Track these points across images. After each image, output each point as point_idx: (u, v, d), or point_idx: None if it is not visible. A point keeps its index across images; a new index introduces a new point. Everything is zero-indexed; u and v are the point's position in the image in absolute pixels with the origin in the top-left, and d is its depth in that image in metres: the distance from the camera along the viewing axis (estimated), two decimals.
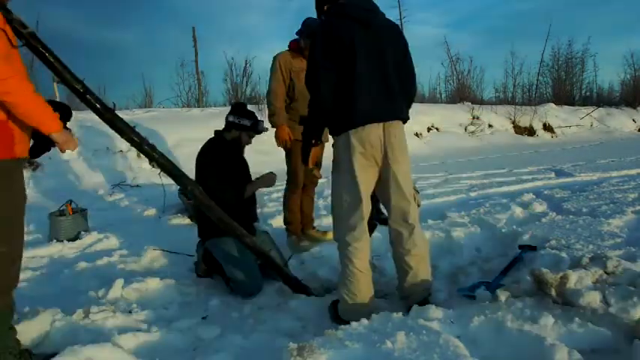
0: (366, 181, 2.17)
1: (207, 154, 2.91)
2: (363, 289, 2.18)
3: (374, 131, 2.12)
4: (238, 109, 3.02)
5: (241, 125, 2.94)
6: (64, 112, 1.99)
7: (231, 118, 2.96)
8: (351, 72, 2.10)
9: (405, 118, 2.28)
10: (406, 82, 2.30)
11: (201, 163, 2.89)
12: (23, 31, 1.80)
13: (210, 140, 3.02)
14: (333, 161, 2.26)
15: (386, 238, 2.49)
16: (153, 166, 2.20)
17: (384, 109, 2.16)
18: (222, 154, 2.92)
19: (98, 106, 2.03)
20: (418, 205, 2.34)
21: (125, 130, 2.10)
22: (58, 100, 11.07)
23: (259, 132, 3.03)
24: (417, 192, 2.38)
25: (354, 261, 2.15)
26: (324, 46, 2.11)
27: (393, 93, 2.20)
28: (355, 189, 2.14)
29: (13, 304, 1.83)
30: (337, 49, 2.09)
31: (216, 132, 3.04)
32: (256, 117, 3.02)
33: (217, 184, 2.77)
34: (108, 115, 2.06)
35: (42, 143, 1.92)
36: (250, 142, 3.08)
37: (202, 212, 2.95)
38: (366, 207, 2.19)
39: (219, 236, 2.80)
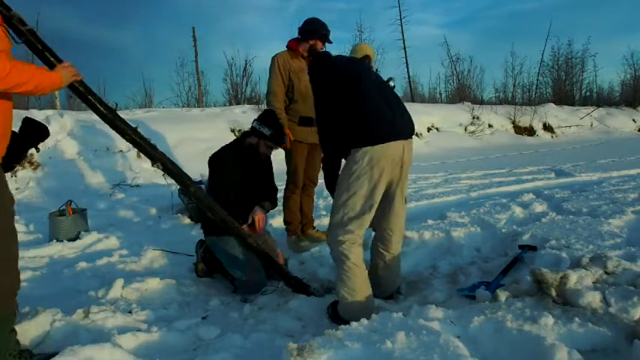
0: (380, 193, 2.20)
1: (223, 160, 2.83)
2: (361, 284, 2.20)
3: (397, 148, 2.17)
4: (264, 116, 2.89)
5: (260, 133, 2.82)
6: (38, 132, 1.97)
7: (254, 123, 2.86)
8: (364, 96, 2.17)
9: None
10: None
11: (215, 171, 2.83)
12: (23, 28, 1.79)
13: (227, 146, 2.93)
14: (347, 168, 2.21)
15: None
16: (157, 167, 2.17)
17: (403, 126, 2.24)
18: (237, 162, 2.84)
19: (99, 106, 2.01)
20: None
21: (127, 131, 2.09)
22: (58, 102, 10.93)
23: (278, 144, 2.93)
24: (406, 202, 2.50)
25: (350, 256, 2.18)
26: (329, 88, 2.21)
27: (404, 110, 2.30)
28: (369, 200, 2.17)
29: (16, 306, 1.82)
30: (343, 81, 2.21)
31: (242, 134, 2.97)
32: (280, 128, 2.88)
33: (226, 195, 2.74)
34: (109, 116, 2.05)
35: (14, 154, 1.87)
36: (269, 153, 2.94)
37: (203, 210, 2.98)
38: (370, 217, 2.24)
39: (219, 235, 2.80)
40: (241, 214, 2.73)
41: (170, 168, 2.23)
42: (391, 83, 3.73)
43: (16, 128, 1.88)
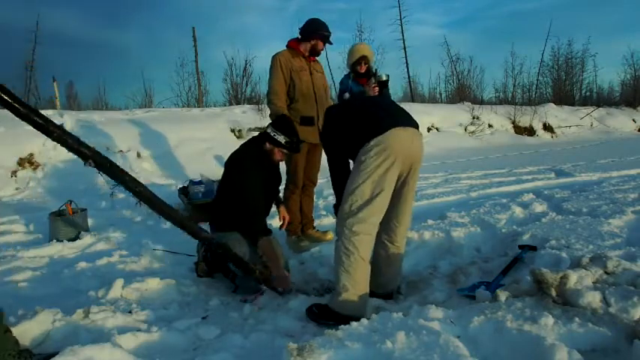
0: (390, 182, 2.20)
1: (247, 160, 2.83)
2: (364, 278, 2.20)
3: (405, 137, 2.20)
4: (278, 122, 2.87)
5: (276, 141, 2.79)
6: None
7: (269, 130, 2.82)
8: (362, 107, 2.37)
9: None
10: None
11: (240, 168, 2.81)
12: None
13: (247, 146, 2.92)
14: (357, 162, 2.22)
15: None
16: (89, 166, 2.01)
17: (405, 119, 2.30)
18: (261, 163, 2.85)
19: (11, 100, 1.72)
20: None
21: (50, 128, 1.82)
22: (58, 102, 10.92)
23: (295, 152, 2.93)
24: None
25: (360, 249, 2.17)
26: (336, 123, 2.41)
27: (404, 110, 2.40)
28: (378, 187, 2.16)
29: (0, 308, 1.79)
30: (345, 108, 2.46)
31: (254, 139, 2.95)
32: (296, 135, 2.85)
33: (254, 192, 2.76)
34: (24, 112, 1.80)
35: None
36: (284, 160, 2.93)
37: (214, 206, 2.98)
38: (382, 207, 2.22)
39: (227, 230, 2.84)
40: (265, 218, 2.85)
41: (106, 166, 2.02)
42: (384, 77, 3.74)
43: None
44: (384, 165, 2.13)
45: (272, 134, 2.80)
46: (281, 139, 2.78)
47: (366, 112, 2.32)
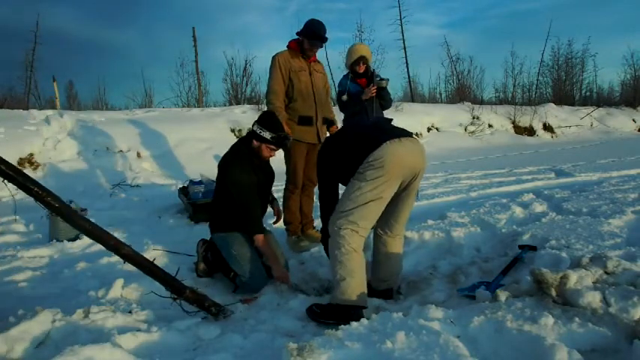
0: (388, 191, 2.20)
1: (236, 161, 2.83)
2: (359, 267, 2.21)
3: (403, 149, 2.19)
4: (263, 119, 2.87)
5: (261, 137, 2.80)
6: None
7: (255, 127, 2.83)
8: (359, 125, 2.53)
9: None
10: None
11: (231, 170, 2.81)
12: None
13: (236, 147, 2.93)
14: (357, 172, 2.23)
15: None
16: None
17: (396, 131, 2.31)
18: (251, 162, 2.85)
19: None
20: None
21: None
22: (58, 102, 10.96)
23: (282, 147, 2.93)
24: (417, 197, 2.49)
25: (350, 241, 2.19)
26: (332, 148, 2.46)
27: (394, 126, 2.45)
28: (374, 194, 2.17)
29: None
30: (339, 133, 2.55)
31: (242, 139, 2.96)
32: (281, 130, 2.85)
33: (247, 193, 2.78)
34: None
35: None
36: (273, 155, 2.92)
37: (212, 208, 2.97)
38: (376, 213, 2.25)
39: (227, 231, 2.86)
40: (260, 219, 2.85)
41: (10, 175, 1.81)
42: (384, 84, 3.74)
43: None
44: (380, 179, 2.15)
45: (258, 131, 2.80)
46: (266, 135, 2.78)
47: (359, 132, 2.36)
